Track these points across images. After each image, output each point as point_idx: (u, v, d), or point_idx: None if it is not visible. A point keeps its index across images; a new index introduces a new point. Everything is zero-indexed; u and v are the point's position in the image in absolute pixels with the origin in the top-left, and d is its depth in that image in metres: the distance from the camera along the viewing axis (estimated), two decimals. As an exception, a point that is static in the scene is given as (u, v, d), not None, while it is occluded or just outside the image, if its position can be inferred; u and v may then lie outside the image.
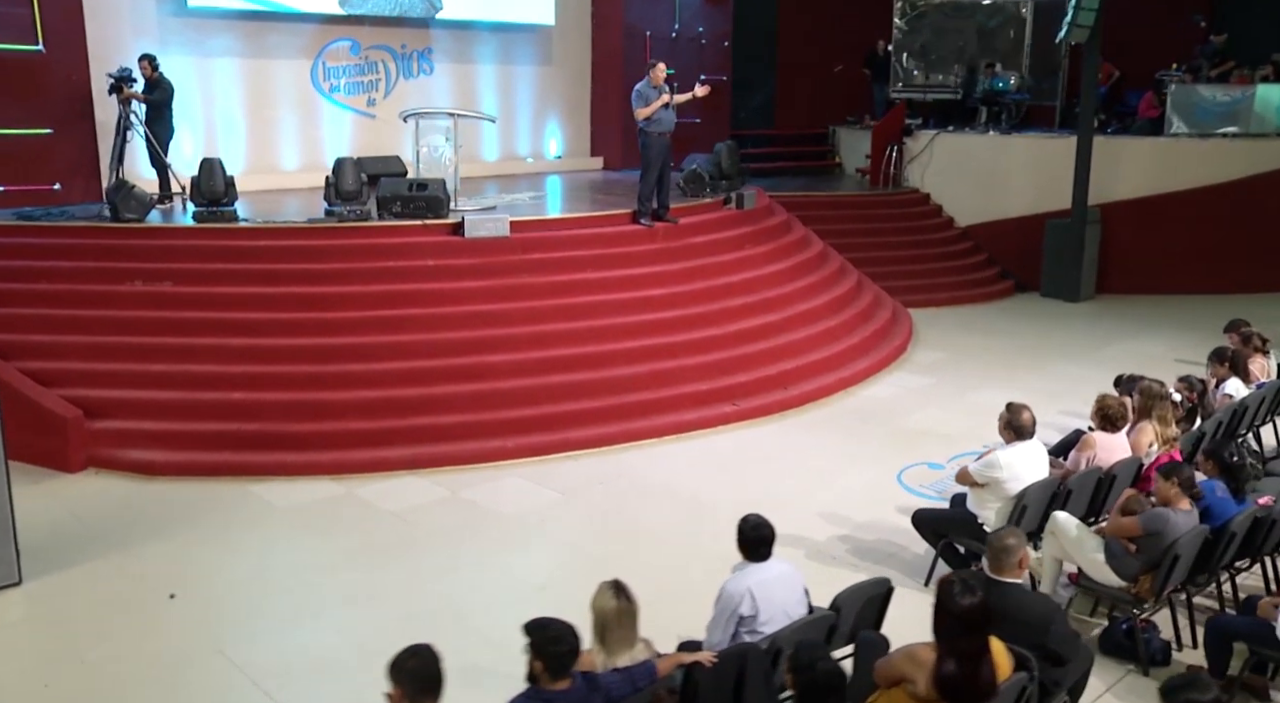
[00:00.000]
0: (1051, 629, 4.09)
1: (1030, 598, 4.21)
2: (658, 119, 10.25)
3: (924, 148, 16.39)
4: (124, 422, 8.01)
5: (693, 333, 9.65)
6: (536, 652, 3.46)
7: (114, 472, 7.78)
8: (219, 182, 9.38)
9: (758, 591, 4.30)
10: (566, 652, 3.44)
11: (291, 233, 9.40)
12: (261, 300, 8.76)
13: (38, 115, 10.49)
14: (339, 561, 6.50)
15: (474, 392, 8.44)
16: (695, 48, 16.61)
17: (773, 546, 4.45)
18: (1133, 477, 6.18)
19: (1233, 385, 7.59)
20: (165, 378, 8.24)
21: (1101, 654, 5.37)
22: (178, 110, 11.90)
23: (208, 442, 7.88)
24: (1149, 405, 6.36)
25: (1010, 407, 5.83)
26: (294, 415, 8.06)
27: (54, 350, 8.39)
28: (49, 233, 9.35)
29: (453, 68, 14.38)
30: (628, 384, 8.91)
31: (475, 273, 9.31)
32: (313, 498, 7.45)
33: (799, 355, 10.12)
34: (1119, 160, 15.21)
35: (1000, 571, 4.21)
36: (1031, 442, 5.81)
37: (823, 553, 6.62)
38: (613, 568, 6.03)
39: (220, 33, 12.15)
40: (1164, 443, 6.30)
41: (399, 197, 9.62)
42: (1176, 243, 14.90)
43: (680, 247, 10.56)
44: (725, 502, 7.40)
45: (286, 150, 12.95)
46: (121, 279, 8.88)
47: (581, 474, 7.92)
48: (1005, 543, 4.20)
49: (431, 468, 7.90)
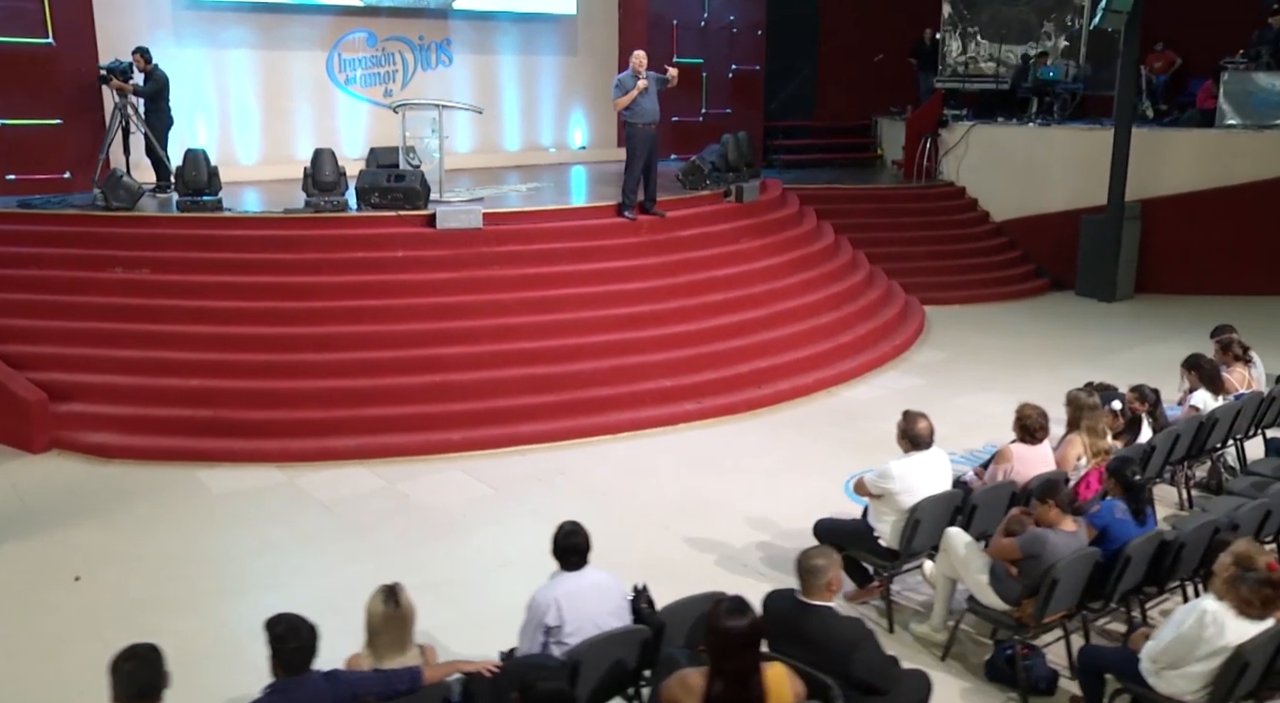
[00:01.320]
0: (855, 657, 3.86)
1: (837, 623, 3.97)
2: (639, 110, 10.08)
3: (960, 139, 15.82)
4: (87, 405, 8.25)
5: (664, 328, 9.49)
6: (270, 647, 3.42)
7: (74, 454, 8.01)
8: (202, 172, 9.56)
9: (565, 601, 4.16)
10: (294, 649, 3.40)
11: (268, 223, 9.54)
12: (231, 289, 8.91)
13: (48, 106, 10.87)
14: (251, 550, 6.57)
15: (427, 384, 8.44)
16: (726, 37, 16.32)
17: (587, 555, 4.31)
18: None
19: (1199, 397, 7.12)
20: (130, 364, 8.45)
21: (987, 681, 5.11)
22: (194, 101, 12.27)
23: (162, 427, 8.05)
24: (1078, 416, 6.00)
25: (906, 415, 5.55)
26: (247, 403, 8.18)
27: (32, 334, 8.68)
28: (41, 220, 9.67)
29: (472, 59, 14.42)
30: (587, 379, 8.80)
31: (445, 264, 9.32)
32: (253, 485, 7.55)
33: (780, 353, 9.87)
34: (1165, 153, 14.46)
35: (808, 592, 3.99)
36: (930, 452, 5.52)
37: (733, 561, 6.43)
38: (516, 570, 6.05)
39: (235, 24, 12.41)
40: (1095, 455, 5.93)
41: (377, 188, 9.68)
42: (1225, 241, 14.09)
43: (665, 240, 10.39)
44: (657, 504, 7.30)
45: (302, 141, 13.13)
46: (104, 266, 9.14)
47: (523, 470, 7.85)
48: (813, 564, 3.98)
49: (377, 459, 7.93)
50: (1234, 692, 4.10)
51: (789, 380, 9.63)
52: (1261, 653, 4.10)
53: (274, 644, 3.40)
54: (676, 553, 6.53)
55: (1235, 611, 4.10)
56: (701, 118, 16.06)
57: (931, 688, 4.28)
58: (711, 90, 16.29)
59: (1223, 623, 4.10)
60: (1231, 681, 4.07)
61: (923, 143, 15.98)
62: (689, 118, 15.92)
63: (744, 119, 16.65)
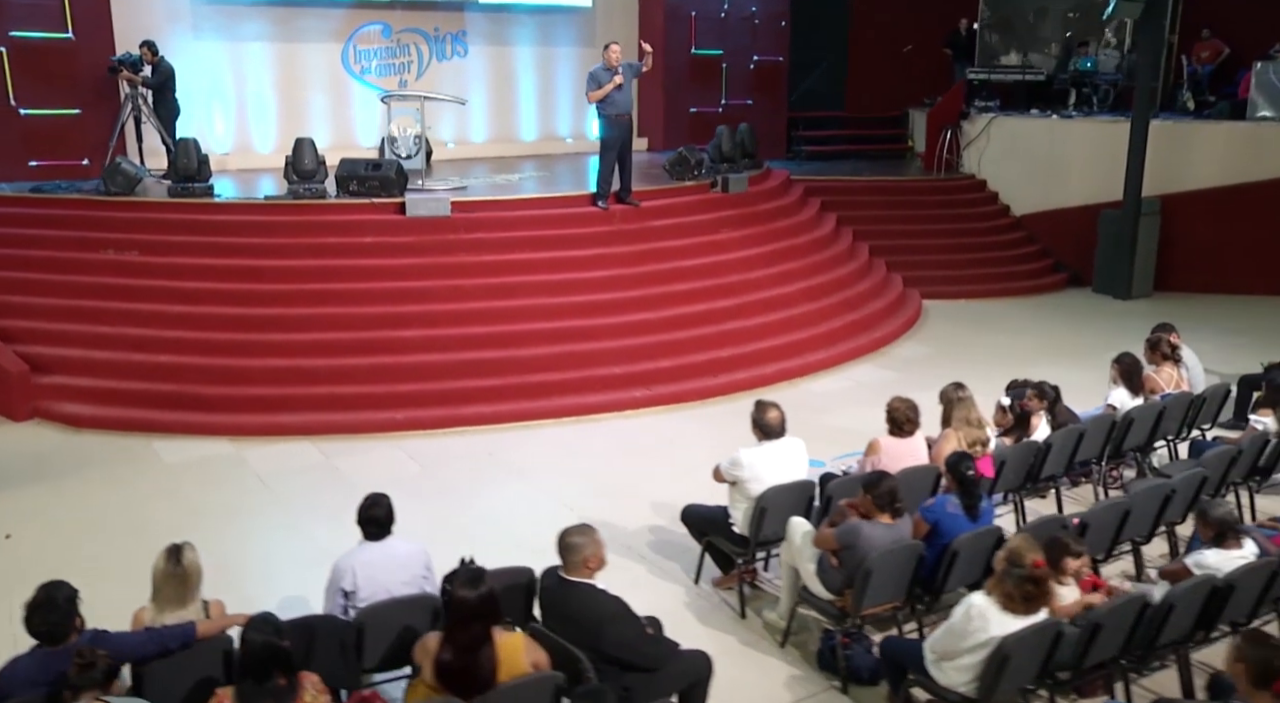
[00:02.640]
0: (605, 632, 4.01)
1: (591, 600, 4.11)
2: (613, 102, 10.22)
3: (981, 132, 15.53)
4: (67, 378, 8.81)
5: (622, 316, 9.66)
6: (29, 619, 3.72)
7: (51, 423, 8.58)
8: (193, 160, 10.06)
9: (360, 569, 4.41)
10: (56, 620, 3.67)
11: (249, 209, 10.01)
12: (208, 271, 9.38)
13: (67, 97, 11.53)
14: (177, 517, 6.92)
15: (378, 365, 8.78)
16: (747, 28, 16.31)
17: (387, 526, 4.55)
18: (931, 485, 5.84)
19: (1116, 395, 7.00)
20: (108, 339, 8.99)
21: (819, 669, 5.19)
22: (212, 92, 12.86)
23: (130, 399, 8.56)
24: (949, 411, 5.99)
25: (758, 404, 5.63)
26: (208, 379, 8.63)
27: (24, 310, 9.29)
28: (48, 204, 10.30)
29: (488, 50, 14.73)
30: (536, 364, 9.03)
31: (410, 251, 9.64)
32: (201, 456, 8.00)
33: (743, 343, 9.94)
34: (1190, 147, 14.00)
35: (568, 569, 4.16)
36: (783, 441, 5.60)
37: (621, 543, 6.56)
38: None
39: (252, 18, 12.93)
40: (971, 447, 5.91)
41: (355, 176, 10.05)
42: (1252, 239, 13.59)
43: (636, 229, 10.54)
44: (570, 486, 7.50)
45: (318, 130, 13.52)
46: (97, 248, 9.71)
47: (456, 450, 8.14)
48: (569, 541, 4.14)
49: (322, 435, 8.31)
50: (998, 685, 4.13)
51: (748, 371, 9.70)
52: (1025, 648, 4.11)
53: (28, 615, 3.68)
54: (538, 517, 6.72)
55: (1000, 605, 4.12)
56: (721, 109, 16.08)
57: (711, 669, 4.40)
58: (731, 81, 16.31)
59: (987, 617, 4.13)
60: (994, 673, 4.10)
61: (943, 135, 15.73)
62: (708, 108, 15.98)
63: (766, 110, 16.66)
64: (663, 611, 5.73)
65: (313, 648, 4.16)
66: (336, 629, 4.23)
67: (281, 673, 3.50)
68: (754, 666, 5.28)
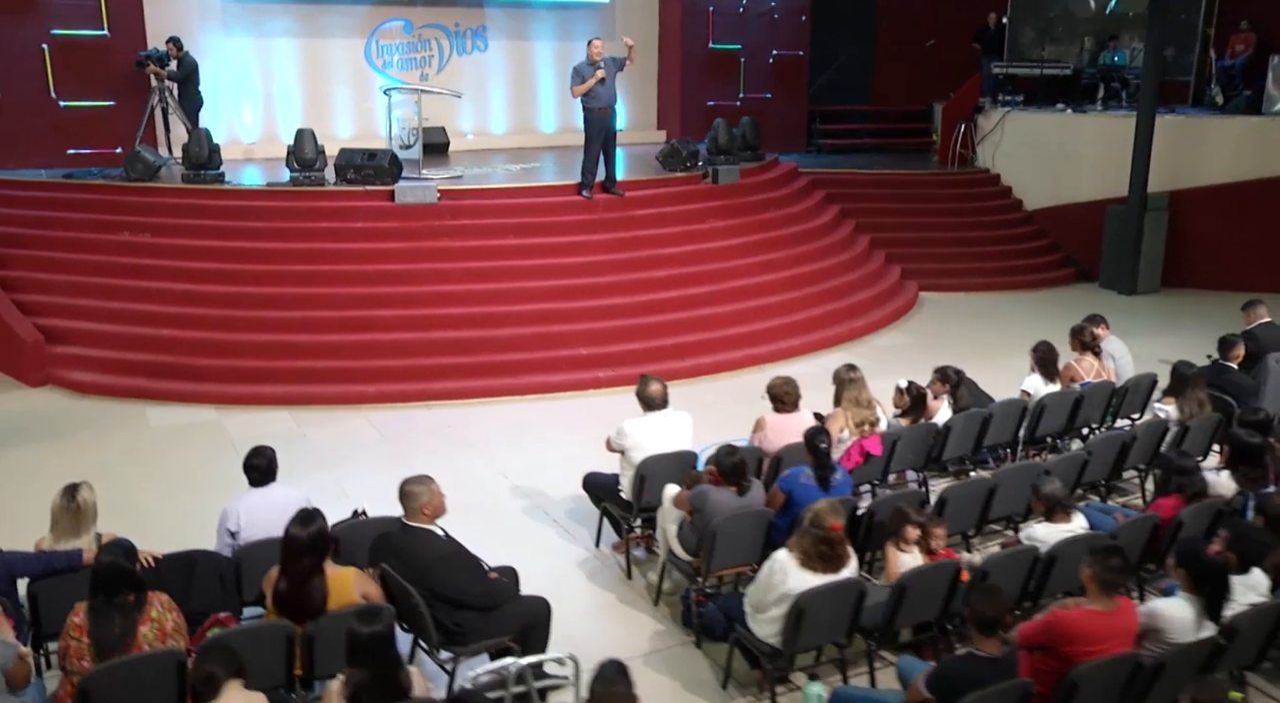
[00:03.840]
0: (434, 572, 4.47)
1: (426, 543, 4.56)
2: (595, 95, 10.63)
3: (995, 126, 15.54)
4: (77, 348, 9.57)
5: (596, 301, 10.08)
6: None
7: (61, 389, 9.36)
8: (204, 149, 10.77)
9: (243, 512, 4.95)
10: None
11: (252, 194, 10.69)
12: (210, 251, 10.07)
13: (101, 89, 12.40)
14: (144, 475, 7.56)
15: (356, 341, 9.37)
16: (766, 23, 16.56)
17: (268, 474, 5.07)
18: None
19: (1030, 382, 7.21)
20: (116, 314, 9.74)
21: (681, 626, 5.57)
22: (241, 85, 13.63)
23: (129, 369, 9.27)
24: (840, 392, 6.30)
25: (642, 379, 6.02)
26: (201, 351, 9.30)
27: (44, 285, 10.10)
28: (77, 189, 11.13)
29: (508, 45, 15.26)
30: (507, 344, 9.52)
31: (398, 235, 10.20)
32: (185, 422, 8.67)
33: (716, 328, 10.29)
34: (1203, 142, 13.86)
35: (407, 516, 4.62)
36: (664, 413, 5.98)
37: (538, 508, 7.05)
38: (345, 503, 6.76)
39: (278, 15, 13.67)
40: (858, 426, 6.22)
41: (352, 165, 10.66)
42: (1264, 236, 13.40)
43: (619, 218, 10.95)
44: (512, 457, 7.98)
45: (341, 121, 14.35)
46: (114, 229, 10.48)
47: (420, 423, 8.68)
48: (408, 490, 4.61)
49: (299, 405, 8.92)
50: (798, 637, 4.46)
51: (716, 355, 10.04)
52: (823, 603, 4.44)
53: None
54: (496, 498, 7.21)
55: (799, 562, 4.46)
56: (739, 102, 16.36)
57: (549, 615, 4.81)
58: (750, 75, 16.58)
59: (787, 571, 4.47)
60: (794, 626, 4.43)
61: (957, 129, 15.77)
62: (726, 102, 16.26)
63: (785, 104, 16.92)
64: (558, 569, 6.25)
65: (193, 579, 4.71)
66: (216, 564, 4.77)
67: (129, 591, 4.02)
68: (627, 620, 5.69)
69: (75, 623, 4.02)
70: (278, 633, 4.17)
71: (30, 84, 12.12)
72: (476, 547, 5.36)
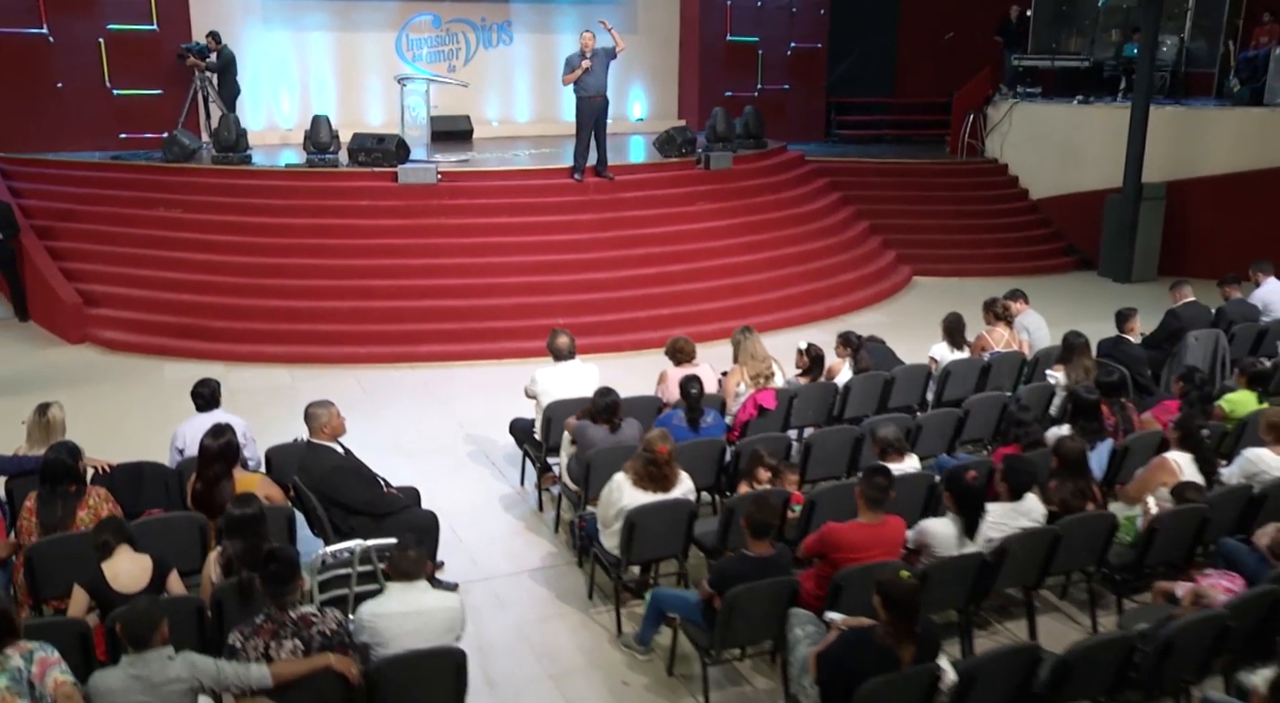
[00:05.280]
0: (330, 481, 5.30)
1: (324, 456, 5.38)
2: (585, 84, 11.37)
3: (1003, 116, 15.86)
4: (110, 310, 10.69)
5: (579, 275, 10.86)
6: None
7: (96, 347, 10.49)
8: (232, 133, 11.85)
9: (189, 432, 5.84)
10: None
11: (272, 175, 11.72)
12: (231, 226, 11.10)
13: (150, 80, 13.57)
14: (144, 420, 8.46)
15: (352, 308, 10.30)
16: (784, 16, 17.09)
17: (213, 402, 5.99)
18: (719, 406, 6.84)
19: (937, 349, 7.76)
20: (146, 280, 10.83)
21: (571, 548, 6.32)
22: (279, 76, 14.72)
23: (154, 330, 10.35)
24: (736, 351, 6.98)
25: (552, 333, 6.80)
26: (216, 315, 10.33)
27: (87, 254, 11.27)
28: (121, 169, 12.30)
29: (532, 38, 16.09)
30: (490, 313, 10.35)
31: (400, 213, 11.12)
32: (194, 376, 9.48)
33: (691, 303, 10.97)
34: (1203, 133, 14.03)
35: (312, 434, 5.47)
36: (570, 364, 6.76)
37: (480, 452, 7.91)
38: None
39: (314, 10, 14.72)
40: (754, 379, 6.88)
41: (364, 148, 11.62)
42: (1261, 226, 13.51)
43: (608, 199, 11.70)
44: (473, 411, 8.80)
45: (372, 108, 15.34)
46: (151, 205, 11.61)
47: (402, 381, 9.57)
48: (311, 412, 5.45)
49: (297, 364, 9.88)
50: (631, 548, 5.17)
51: (688, 328, 10.51)
52: (653, 519, 5.14)
53: None
54: (449, 444, 8.05)
55: (633, 481, 5.17)
56: (757, 93, 16.95)
57: (436, 527, 5.61)
58: (768, 67, 17.15)
59: (623, 490, 5.19)
60: (628, 538, 5.15)
61: (967, 119, 16.13)
62: (744, 93, 16.84)
63: (803, 94, 17.47)
64: (482, 501, 7.09)
65: (141, 484, 5.63)
66: (161, 473, 5.69)
67: (70, 482, 4.94)
68: (527, 543, 6.49)
69: (27, 507, 4.96)
70: (192, 523, 5.05)
71: (88, 75, 13.36)
72: (419, 479, 6.33)
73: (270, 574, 3.81)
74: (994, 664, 3.98)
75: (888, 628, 3.71)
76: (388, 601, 4.07)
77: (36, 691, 3.59)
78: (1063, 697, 4.06)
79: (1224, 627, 4.26)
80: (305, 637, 3.78)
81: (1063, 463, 5.30)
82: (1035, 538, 4.93)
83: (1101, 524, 5.19)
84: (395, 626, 3.97)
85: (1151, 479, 5.53)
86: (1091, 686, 4.16)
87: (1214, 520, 5.33)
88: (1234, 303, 8.93)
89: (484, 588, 5.87)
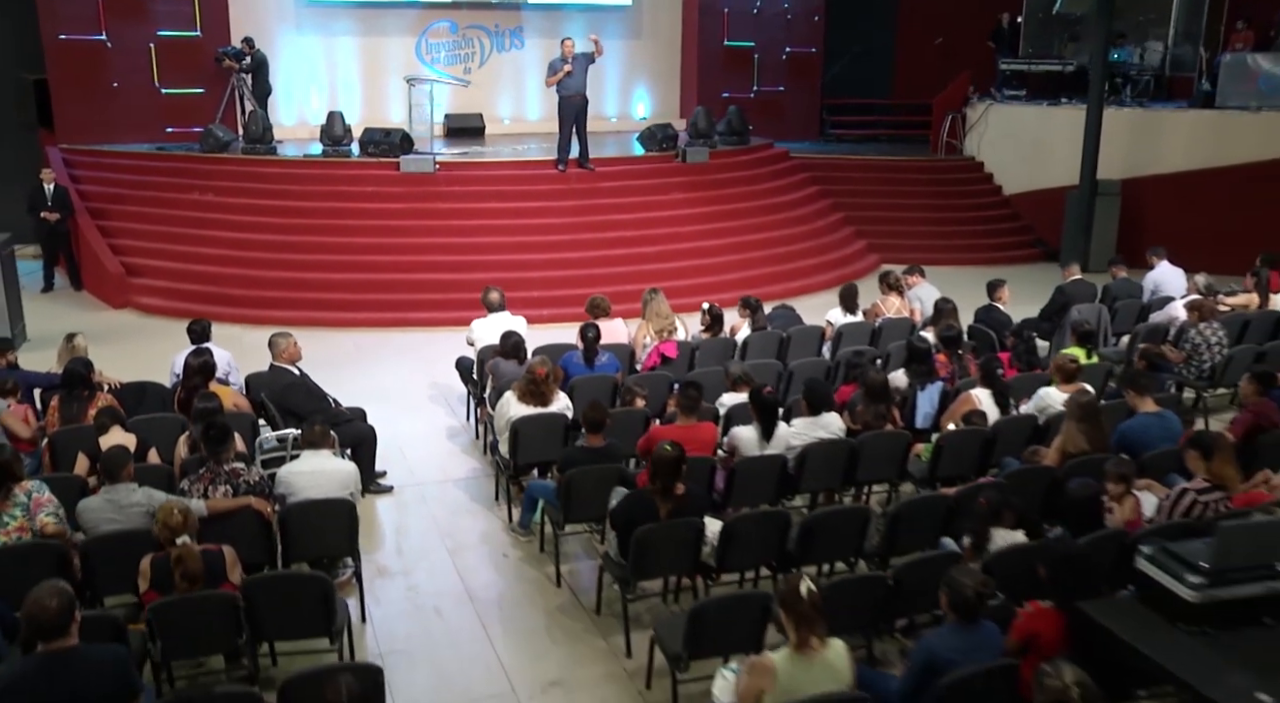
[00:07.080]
0: (284, 393, 6.69)
1: (280, 376, 6.79)
2: (565, 86, 12.72)
3: (980, 117, 16.87)
4: (149, 280, 12.31)
5: (553, 254, 12.21)
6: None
7: (136, 311, 12.11)
8: (259, 127, 13.42)
9: (183, 361, 7.28)
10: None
11: (292, 164, 13.27)
12: (255, 208, 12.67)
13: (194, 80, 15.23)
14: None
15: (354, 279, 11.78)
16: (780, 22, 18.26)
17: (204, 336, 7.40)
18: (628, 358, 8.15)
19: (831, 314, 8.95)
20: (181, 254, 12.44)
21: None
22: (310, 77, 16.31)
23: (185, 297, 11.93)
24: (644, 309, 8.26)
25: (485, 289, 8.17)
26: (237, 284, 11.88)
27: (132, 232, 12.92)
28: (164, 159, 13.95)
29: (543, 43, 17.42)
30: (474, 285, 11.59)
31: (400, 198, 12.58)
32: (216, 336, 11.16)
33: (653, 282, 12.12)
34: (1159, 133, 14.96)
35: (274, 358, 6.88)
36: (502, 315, 8.13)
37: (438, 395, 9.31)
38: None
39: (342, 17, 16.28)
40: (657, 333, 8.16)
41: (373, 141, 13.11)
42: (1212, 221, 14.40)
43: (587, 188, 13.05)
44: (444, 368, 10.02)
45: (394, 106, 16.83)
46: (187, 190, 13.23)
47: (391, 342, 11.01)
48: (273, 340, 6.89)
49: (303, 326, 11.29)
50: (517, 451, 6.49)
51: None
52: (533, 428, 6.45)
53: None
54: (415, 388, 9.48)
55: (517, 397, 6.49)
56: (753, 94, 18.16)
57: (374, 438, 6.98)
58: (764, 70, 18.34)
59: (509, 404, 6.51)
60: (512, 442, 6.46)
61: (946, 120, 17.16)
62: (741, 94, 18.05)
63: (798, 96, 18.63)
64: (428, 431, 8.47)
65: (143, 399, 7.09)
66: (159, 392, 7.15)
67: (83, 388, 6.40)
68: (457, 460, 7.93)
69: (53, 405, 6.45)
70: (175, 421, 6.48)
71: (140, 76, 15.04)
72: (387, 415, 7.92)
73: (210, 437, 5.20)
74: (750, 522, 5.23)
75: (654, 487, 4.97)
76: (299, 463, 5.45)
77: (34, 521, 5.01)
78: (811, 557, 5.28)
79: (948, 508, 5.44)
80: (235, 484, 5.16)
81: (868, 391, 6.49)
82: (833, 447, 6.15)
83: (898, 441, 6.39)
84: (304, 481, 5.35)
85: (958, 410, 6.70)
86: (834, 550, 5.38)
87: (1002, 443, 6.49)
88: (1119, 282, 9.98)
89: (414, 491, 7.25)
